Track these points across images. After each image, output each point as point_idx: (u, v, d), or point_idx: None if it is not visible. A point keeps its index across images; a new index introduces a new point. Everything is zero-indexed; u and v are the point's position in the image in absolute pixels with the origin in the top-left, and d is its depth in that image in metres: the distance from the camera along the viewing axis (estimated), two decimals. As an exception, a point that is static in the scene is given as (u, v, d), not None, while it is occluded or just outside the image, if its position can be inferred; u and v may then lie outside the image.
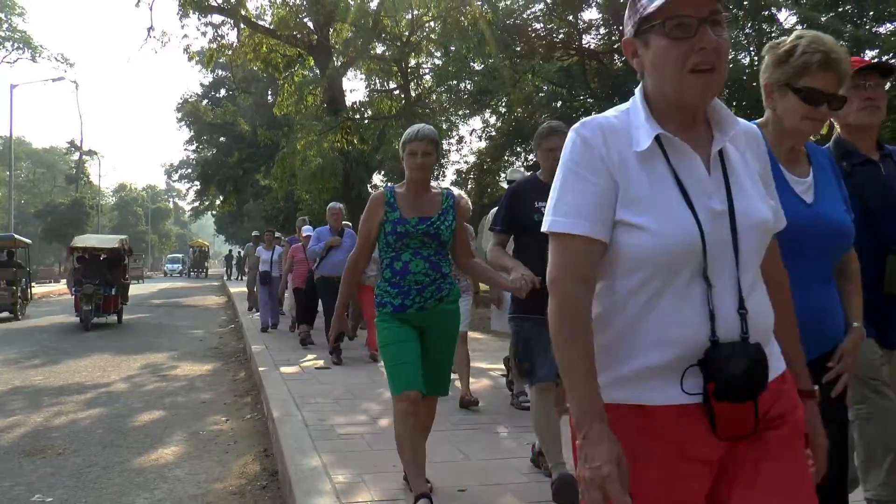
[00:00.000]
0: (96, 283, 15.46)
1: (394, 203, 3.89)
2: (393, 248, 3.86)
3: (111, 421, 6.76)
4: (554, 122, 4.36)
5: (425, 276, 3.84)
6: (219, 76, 43.25)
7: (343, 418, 5.95)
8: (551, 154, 4.02)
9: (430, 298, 3.87)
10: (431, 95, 21.13)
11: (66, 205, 54.66)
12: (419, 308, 3.86)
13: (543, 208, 3.51)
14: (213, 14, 21.68)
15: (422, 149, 3.85)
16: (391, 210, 3.87)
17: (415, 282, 3.83)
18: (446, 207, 3.95)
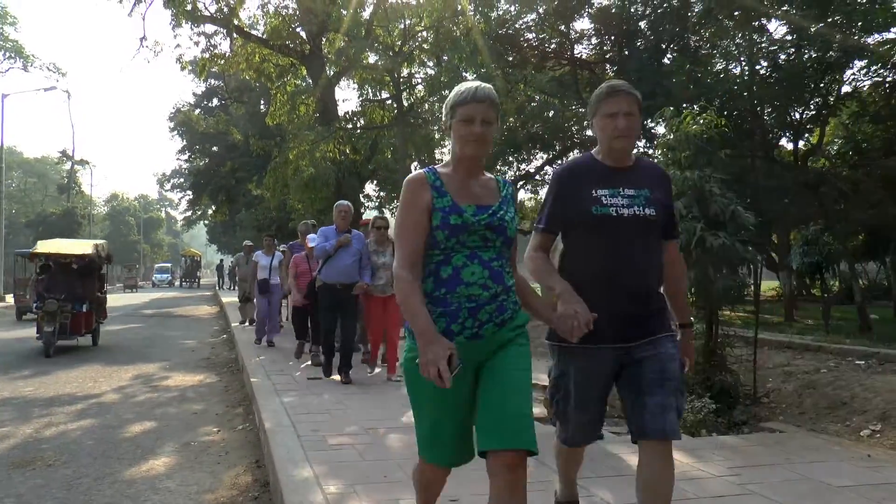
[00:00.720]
0: (62, 297, 12.62)
1: (441, 187, 2.85)
2: (441, 248, 2.78)
3: (102, 432, 6.73)
4: (614, 81, 3.36)
5: (483, 288, 2.75)
6: (211, 86, 43.27)
7: (335, 429, 5.94)
8: (611, 121, 3.15)
9: (489, 322, 2.76)
10: (424, 105, 21.13)
11: (58, 214, 54.61)
12: (473, 335, 2.76)
13: (605, 198, 3.13)
14: (205, 24, 21.69)
15: (481, 114, 2.79)
16: (438, 195, 2.82)
17: (468, 297, 2.74)
18: (506, 196, 2.94)
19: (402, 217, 2.84)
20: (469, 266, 2.76)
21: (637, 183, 3.20)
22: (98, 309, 14.16)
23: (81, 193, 63.86)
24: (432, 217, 2.78)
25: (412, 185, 2.87)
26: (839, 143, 19.76)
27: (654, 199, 3.17)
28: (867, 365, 7.53)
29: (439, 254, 2.80)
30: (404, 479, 4.47)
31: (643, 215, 3.13)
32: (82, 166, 63.40)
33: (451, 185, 2.86)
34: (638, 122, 3.23)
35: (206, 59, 22.55)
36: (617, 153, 3.20)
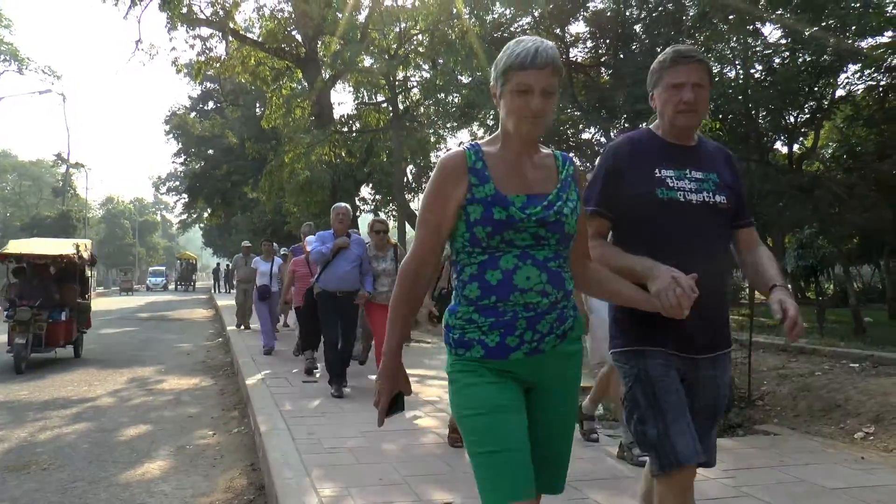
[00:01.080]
0: (36, 304, 11.20)
1: (482, 170, 2.28)
2: (484, 247, 2.26)
3: (97, 436, 6.72)
4: (681, 46, 2.93)
5: (542, 295, 2.25)
6: (207, 89, 43.27)
7: (330, 432, 5.94)
8: (677, 93, 2.70)
9: (550, 333, 2.28)
10: (419, 108, 21.19)
11: (53, 218, 54.47)
12: (532, 350, 2.26)
13: (671, 180, 2.70)
14: (201, 27, 21.72)
15: (542, 83, 2.22)
16: (479, 182, 2.27)
17: (524, 305, 2.24)
18: (566, 179, 2.39)
19: (426, 205, 2.34)
20: (522, 269, 2.24)
21: (704, 165, 2.79)
22: (80, 317, 12.57)
23: (76, 197, 63.64)
24: (469, 210, 2.26)
25: (446, 171, 2.31)
26: (833, 147, 19.82)
27: (723, 185, 2.76)
28: (861, 368, 7.55)
29: (482, 252, 2.27)
30: (399, 482, 4.48)
31: (713, 202, 2.71)
32: (77, 169, 63.18)
33: (498, 167, 2.30)
34: (707, 96, 2.82)
35: (202, 62, 22.58)
36: (680, 131, 2.78)
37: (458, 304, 2.34)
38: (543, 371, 2.33)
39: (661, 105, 2.78)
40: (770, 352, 8.97)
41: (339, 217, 8.10)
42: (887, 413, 6.04)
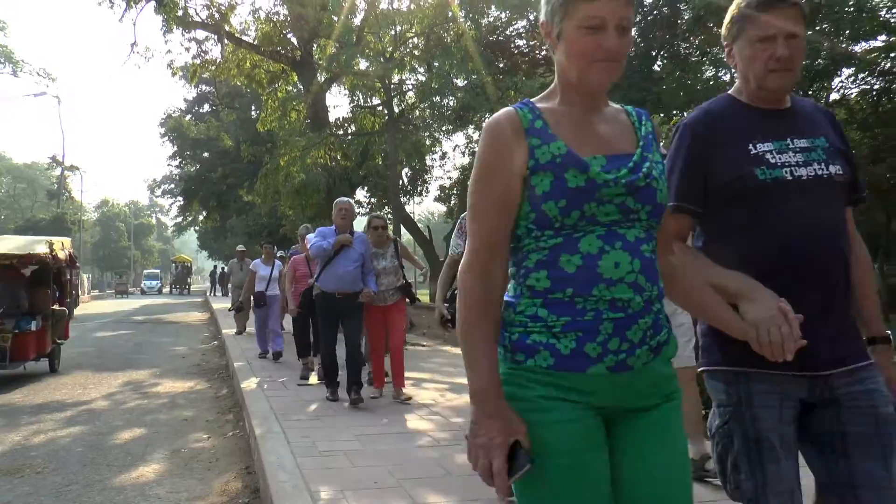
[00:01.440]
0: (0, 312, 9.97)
1: (544, 128, 1.75)
2: (557, 227, 1.71)
3: (91, 439, 6.71)
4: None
5: (634, 289, 1.68)
6: (202, 91, 43.23)
7: (325, 434, 5.94)
8: (767, 48, 2.12)
9: (643, 344, 1.70)
10: (415, 111, 21.20)
11: (48, 220, 54.28)
12: (617, 365, 1.68)
13: (772, 155, 2.10)
14: (196, 30, 21.73)
15: (617, 15, 1.73)
16: (542, 141, 1.74)
17: (611, 302, 1.67)
18: (647, 136, 1.84)
19: (479, 189, 1.76)
20: (609, 253, 1.67)
21: (806, 129, 2.18)
22: (56, 326, 10.99)
23: (71, 199, 63.44)
24: (533, 182, 1.70)
25: (497, 136, 1.75)
26: (828, 150, 19.90)
27: (834, 151, 2.16)
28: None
29: (553, 235, 1.70)
30: (394, 485, 4.48)
31: (828, 175, 2.10)
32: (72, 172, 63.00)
33: (563, 125, 1.76)
34: (804, 47, 2.22)
35: (197, 64, 22.59)
36: (771, 94, 2.18)
37: (518, 294, 1.74)
38: (629, 395, 1.71)
39: (744, 64, 2.19)
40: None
41: (341, 212, 7.56)
42: None
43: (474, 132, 22.83)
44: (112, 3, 20.40)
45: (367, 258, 7.49)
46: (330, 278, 7.31)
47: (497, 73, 18.18)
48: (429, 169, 25.68)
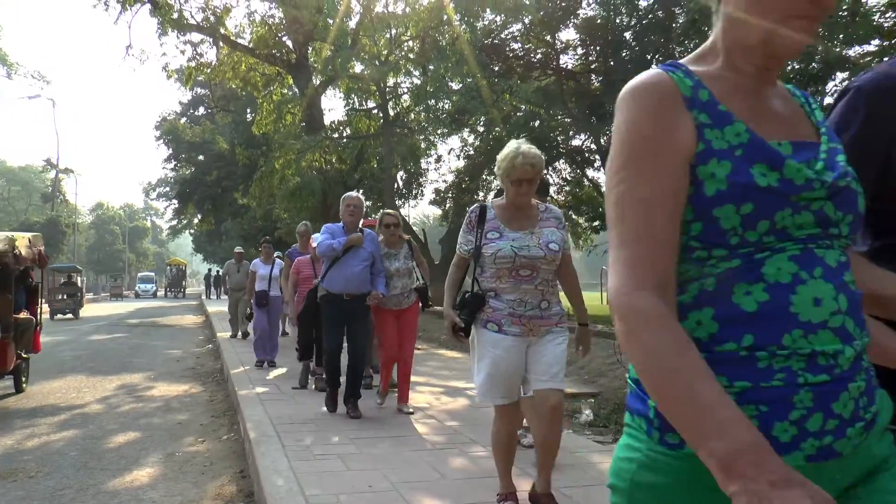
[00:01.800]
0: None
1: (712, 102, 1.22)
2: (735, 244, 1.17)
3: (85, 443, 6.69)
4: None
5: (843, 338, 1.16)
6: (197, 94, 43.26)
7: (320, 439, 5.92)
8: None
9: (855, 420, 1.16)
10: (410, 114, 21.22)
11: (42, 223, 54.24)
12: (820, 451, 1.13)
13: None
14: (192, 32, 21.74)
15: None
16: (715, 122, 1.21)
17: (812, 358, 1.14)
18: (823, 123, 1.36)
19: (633, 171, 1.21)
20: (807, 283, 1.17)
21: None
22: (21, 338, 9.20)
23: (66, 202, 63.41)
24: (701, 173, 1.19)
25: (652, 97, 1.23)
26: (822, 154, 19.95)
27: None
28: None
29: (726, 255, 1.19)
30: (389, 489, 4.48)
31: None
32: (67, 175, 63.00)
33: (734, 98, 1.26)
34: None
35: (193, 67, 22.60)
36: None
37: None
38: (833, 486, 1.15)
39: None
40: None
41: (349, 209, 7.02)
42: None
43: (470, 135, 22.86)
44: (107, 5, 20.42)
45: (377, 258, 6.99)
46: (337, 279, 6.82)
47: (492, 77, 18.18)
48: (424, 172, 25.70)
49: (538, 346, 3.88)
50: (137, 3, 20.47)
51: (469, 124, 21.18)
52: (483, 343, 3.88)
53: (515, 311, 3.82)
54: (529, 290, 3.83)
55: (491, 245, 3.85)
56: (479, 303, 3.91)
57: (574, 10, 19.43)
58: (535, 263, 3.80)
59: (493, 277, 3.87)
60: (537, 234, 3.88)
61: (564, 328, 3.99)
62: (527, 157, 3.75)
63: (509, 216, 3.95)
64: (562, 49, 20.82)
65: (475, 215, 4.03)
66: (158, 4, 19.84)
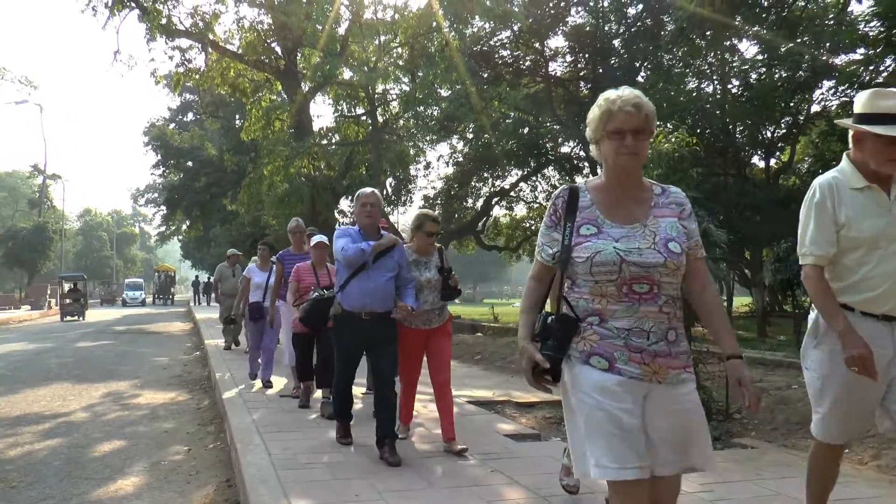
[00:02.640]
0: None
1: None
2: None
3: (69, 451, 6.62)
4: None
5: None
6: (186, 100, 43.20)
7: (307, 447, 5.88)
8: None
9: None
10: (399, 121, 21.22)
11: (29, 229, 53.93)
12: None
13: None
14: (180, 38, 21.68)
15: None
16: None
17: None
18: None
19: None
20: None
21: None
22: None
23: (53, 208, 63.09)
24: None
25: None
26: (809, 162, 20.06)
27: None
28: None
29: None
30: (376, 498, 4.44)
31: None
32: (54, 181, 62.77)
33: None
34: None
35: (181, 73, 22.56)
36: None
37: None
38: None
39: None
40: (748, 365, 9.00)
41: (366, 209, 5.73)
42: (863, 426, 6.07)
43: (459, 142, 22.87)
44: (95, 10, 20.37)
45: (403, 267, 5.77)
46: (355, 293, 5.53)
47: (481, 83, 18.23)
48: (413, 179, 25.70)
49: (663, 401, 2.58)
50: (126, 8, 20.41)
51: (458, 131, 21.19)
52: (582, 387, 2.59)
53: (633, 343, 2.55)
54: (651, 314, 2.57)
55: (585, 246, 2.61)
56: (571, 329, 2.63)
57: (563, 18, 19.53)
58: (652, 274, 2.56)
59: (594, 295, 2.62)
60: (651, 229, 2.64)
61: (692, 374, 2.75)
62: (627, 99, 2.63)
63: (612, 201, 2.72)
64: (551, 56, 20.91)
65: (562, 201, 2.76)
66: (147, 10, 19.79)
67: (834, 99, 15.10)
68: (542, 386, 2.66)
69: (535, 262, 2.85)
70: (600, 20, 19.24)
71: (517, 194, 25.10)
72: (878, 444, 5.67)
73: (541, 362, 2.59)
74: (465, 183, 23.57)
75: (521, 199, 25.68)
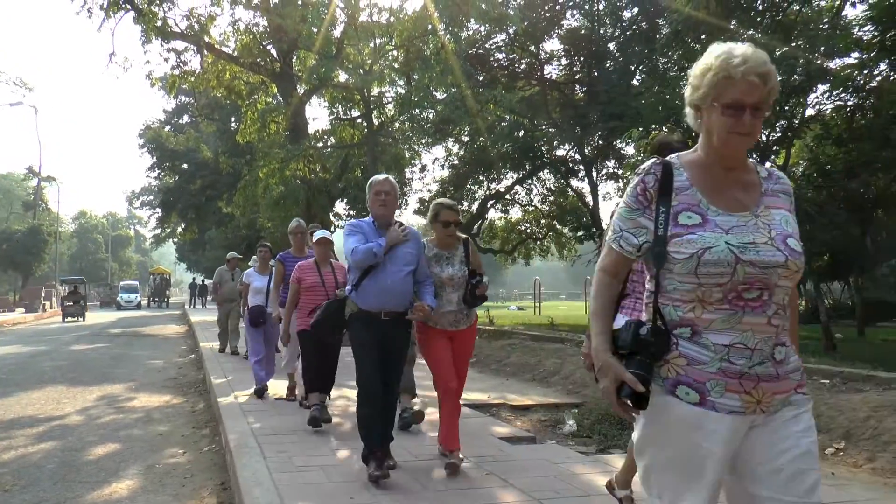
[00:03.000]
0: None
1: None
2: None
3: (64, 455, 6.60)
4: None
5: None
6: (182, 102, 43.13)
7: (302, 450, 5.88)
8: None
9: None
10: (394, 124, 21.23)
11: (24, 232, 53.75)
12: None
13: None
14: (175, 40, 21.65)
15: None
16: None
17: None
18: None
19: None
20: None
21: None
22: None
23: (48, 211, 62.84)
24: None
25: None
26: (804, 166, 20.10)
27: None
28: (832, 384, 7.61)
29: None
30: (370, 500, 4.44)
31: None
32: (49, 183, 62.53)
33: None
34: None
35: (176, 75, 22.52)
36: None
37: None
38: None
39: None
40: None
41: (380, 198, 5.14)
42: (857, 429, 6.09)
43: (454, 145, 22.89)
44: (90, 12, 20.32)
45: (421, 260, 5.25)
46: (371, 291, 5.01)
47: (477, 86, 18.25)
48: (408, 182, 25.70)
49: (769, 431, 2.11)
50: (121, 10, 20.36)
51: (453, 134, 21.21)
52: (664, 421, 2.14)
53: (733, 366, 2.05)
54: (758, 328, 2.07)
55: (689, 239, 2.08)
56: (666, 344, 2.13)
57: (558, 21, 19.58)
58: (770, 276, 2.06)
59: (690, 300, 2.10)
60: (764, 220, 2.14)
61: (809, 395, 2.22)
62: (754, 64, 2.11)
63: (714, 182, 2.19)
64: (546, 59, 20.96)
65: (654, 179, 2.20)
66: (142, 12, 19.76)
67: (829, 103, 15.13)
68: (627, 413, 2.17)
69: (609, 252, 2.30)
70: (595, 23, 19.28)
71: (512, 197, 25.14)
72: (872, 448, 5.69)
73: (632, 384, 2.08)
74: (460, 186, 23.58)
75: (517, 202, 25.71)
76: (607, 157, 20.73)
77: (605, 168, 21.40)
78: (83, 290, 37.68)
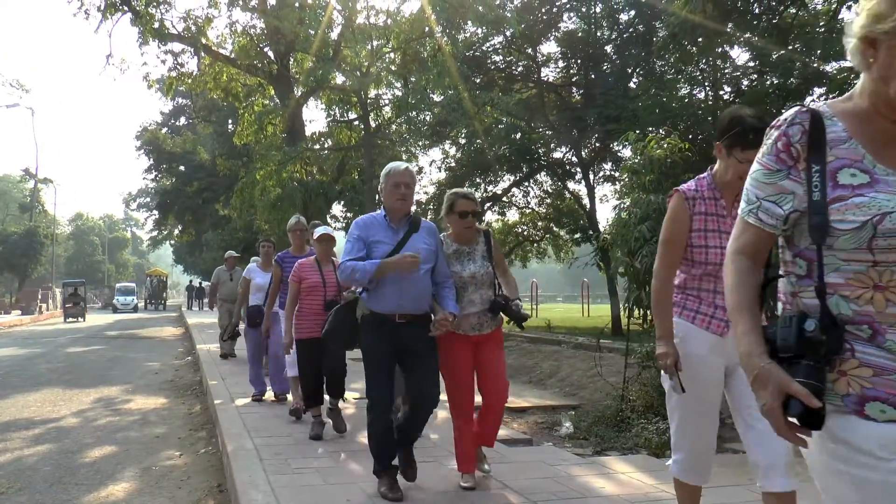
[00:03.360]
0: None
1: None
2: None
3: (60, 457, 6.59)
4: None
5: None
6: (179, 104, 43.10)
7: (298, 452, 5.87)
8: None
9: None
10: (391, 126, 21.23)
11: (20, 234, 53.70)
12: None
13: None
14: (173, 42, 21.62)
15: None
16: None
17: None
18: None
19: None
20: None
21: None
22: None
23: (44, 212, 62.80)
24: None
25: None
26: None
27: None
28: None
29: None
30: (366, 503, 4.44)
31: None
32: (45, 185, 62.48)
33: None
34: None
35: (174, 77, 22.48)
36: None
37: None
38: None
39: None
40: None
41: (399, 190, 4.63)
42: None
43: (451, 147, 22.89)
44: (87, 14, 20.28)
45: (441, 257, 4.70)
46: (386, 292, 4.49)
47: (474, 89, 18.24)
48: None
49: None
50: (118, 11, 20.34)
51: (450, 136, 21.21)
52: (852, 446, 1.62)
53: None
54: None
55: (857, 203, 1.62)
56: (840, 341, 1.64)
57: (555, 24, 19.60)
58: None
59: (863, 286, 1.63)
60: None
61: None
62: None
63: (879, 134, 1.70)
64: (543, 62, 20.97)
65: (801, 130, 1.72)
66: (139, 13, 19.73)
67: (825, 106, 15.22)
68: (795, 437, 1.63)
69: (745, 228, 1.80)
70: (592, 26, 19.30)
71: (509, 199, 25.11)
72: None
73: (804, 397, 1.55)
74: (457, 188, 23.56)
75: (514, 205, 25.69)
76: (604, 160, 20.73)
77: (602, 170, 21.39)
78: (84, 291, 38.95)
